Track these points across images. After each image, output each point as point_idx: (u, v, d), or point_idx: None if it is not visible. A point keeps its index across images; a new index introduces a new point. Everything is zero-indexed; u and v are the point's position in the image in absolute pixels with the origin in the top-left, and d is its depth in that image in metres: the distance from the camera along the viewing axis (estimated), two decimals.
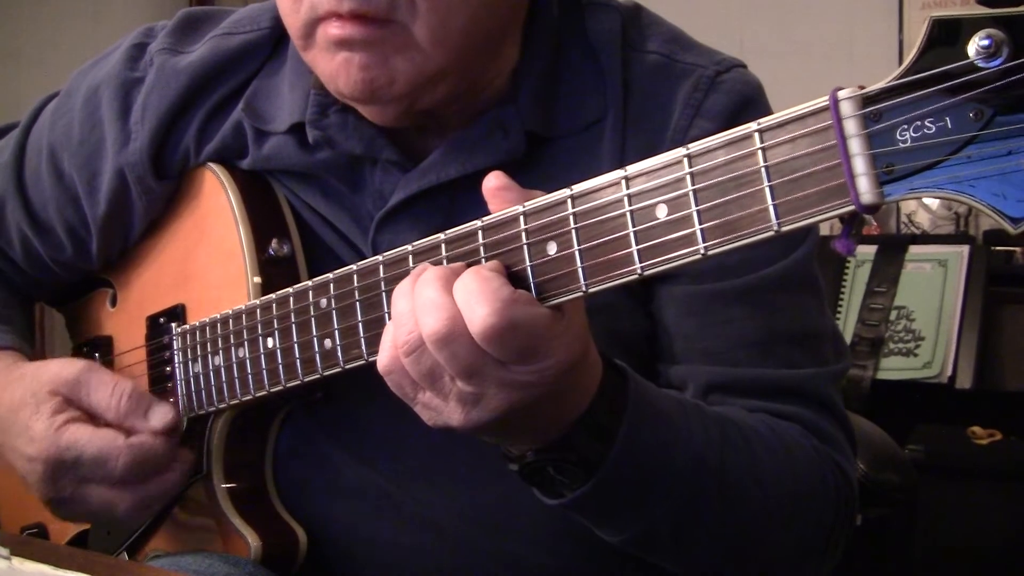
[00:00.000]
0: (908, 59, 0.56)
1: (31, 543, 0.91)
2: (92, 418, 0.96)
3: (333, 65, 0.86)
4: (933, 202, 2.80)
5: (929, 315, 2.36)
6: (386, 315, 0.78)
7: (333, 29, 0.84)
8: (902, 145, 0.55)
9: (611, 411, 0.76)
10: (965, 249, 2.43)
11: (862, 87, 0.57)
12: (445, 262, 0.74)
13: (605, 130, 0.94)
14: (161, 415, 0.95)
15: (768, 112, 0.94)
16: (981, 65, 0.53)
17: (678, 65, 0.95)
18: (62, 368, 0.98)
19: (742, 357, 0.91)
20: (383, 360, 0.73)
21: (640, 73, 0.95)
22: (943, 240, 2.61)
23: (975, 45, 0.54)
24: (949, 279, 2.39)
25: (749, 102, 0.94)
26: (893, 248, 2.49)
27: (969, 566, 2.08)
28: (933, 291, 2.39)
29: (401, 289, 0.72)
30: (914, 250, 2.48)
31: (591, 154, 0.93)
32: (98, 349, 1.17)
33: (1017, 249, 2.55)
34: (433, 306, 0.68)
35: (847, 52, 3.02)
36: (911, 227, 2.85)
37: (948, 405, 2.28)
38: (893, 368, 2.32)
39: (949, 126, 0.54)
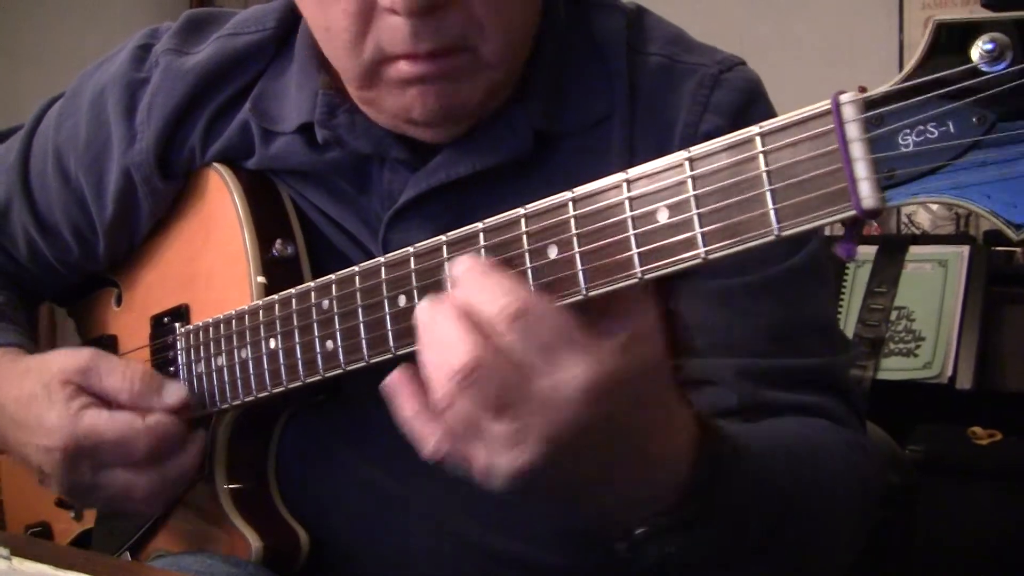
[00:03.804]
0: (911, 63, 0.55)
1: (32, 543, 0.91)
2: (105, 402, 0.96)
3: (405, 100, 0.86)
4: None
5: (929, 315, 2.35)
6: (387, 316, 0.78)
7: (405, 67, 0.83)
8: (904, 150, 0.54)
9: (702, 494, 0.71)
10: (965, 249, 2.42)
11: (863, 89, 0.56)
12: (446, 265, 0.74)
13: (613, 129, 0.94)
14: (174, 391, 0.96)
15: (770, 109, 0.95)
16: (985, 69, 0.53)
17: (680, 65, 0.96)
18: (70, 357, 0.98)
19: (769, 348, 0.91)
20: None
21: (644, 75, 0.96)
22: (943, 240, 2.59)
23: (979, 49, 0.53)
24: (949, 279, 2.38)
25: (754, 99, 0.95)
26: (893, 248, 2.48)
27: (969, 566, 2.07)
28: (933, 291, 2.38)
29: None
30: (914, 250, 2.47)
31: (599, 152, 0.94)
32: (102, 348, 1.17)
33: (1017, 249, 2.54)
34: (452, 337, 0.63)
35: (847, 51, 3.02)
36: (911, 227, 2.85)
37: (948, 405, 2.27)
38: (893, 368, 2.31)
39: (952, 131, 0.54)
